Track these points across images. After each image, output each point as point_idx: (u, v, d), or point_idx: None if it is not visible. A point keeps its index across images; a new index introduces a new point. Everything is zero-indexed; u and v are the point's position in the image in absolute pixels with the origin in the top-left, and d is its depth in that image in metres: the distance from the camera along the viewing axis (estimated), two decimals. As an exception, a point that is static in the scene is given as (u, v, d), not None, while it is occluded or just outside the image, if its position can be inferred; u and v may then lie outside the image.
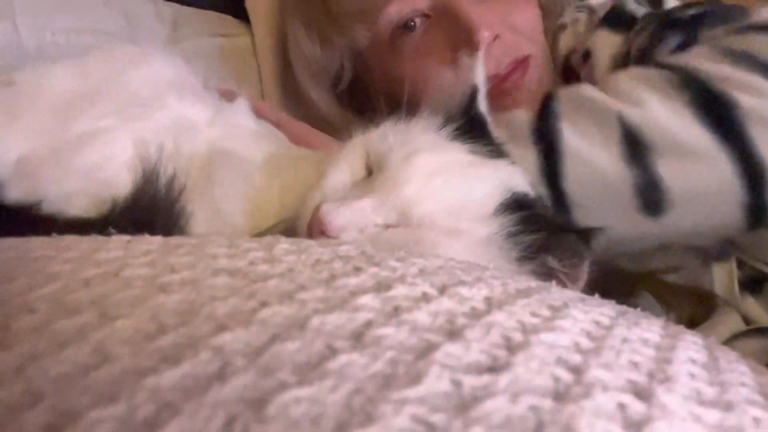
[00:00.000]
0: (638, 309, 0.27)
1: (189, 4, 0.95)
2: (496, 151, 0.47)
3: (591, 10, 0.72)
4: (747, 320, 0.51)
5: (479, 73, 0.50)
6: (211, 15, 0.96)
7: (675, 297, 0.56)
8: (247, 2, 0.94)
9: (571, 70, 0.71)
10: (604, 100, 0.50)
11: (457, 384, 0.16)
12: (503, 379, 0.17)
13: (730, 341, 0.48)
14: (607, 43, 0.65)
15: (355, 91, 0.80)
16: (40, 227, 0.40)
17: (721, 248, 0.54)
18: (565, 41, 0.72)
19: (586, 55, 0.67)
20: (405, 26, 0.68)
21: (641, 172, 0.47)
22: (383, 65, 0.73)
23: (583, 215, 0.49)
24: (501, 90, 0.65)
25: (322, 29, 0.75)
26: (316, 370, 0.17)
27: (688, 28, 0.57)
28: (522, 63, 0.67)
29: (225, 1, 0.98)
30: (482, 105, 0.49)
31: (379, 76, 0.74)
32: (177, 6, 0.94)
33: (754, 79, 0.46)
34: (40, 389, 0.17)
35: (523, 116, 0.54)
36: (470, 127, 0.47)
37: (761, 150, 0.45)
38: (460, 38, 0.64)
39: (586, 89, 0.52)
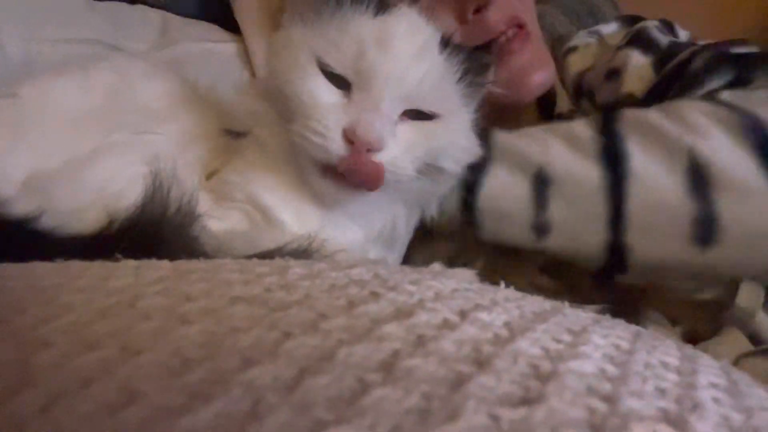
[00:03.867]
0: (648, 328, 0.27)
1: (177, 14, 0.95)
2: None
3: (600, 37, 0.76)
4: (755, 338, 0.52)
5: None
6: (199, 23, 0.97)
7: (680, 310, 0.57)
8: (235, 13, 0.94)
9: (580, 88, 0.73)
10: (674, 130, 0.51)
11: (494, 418, 0.16)
12: (539, 412, 0.17)
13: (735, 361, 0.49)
14: (637, 64, 0.67)
15: None
16: (39, 243, 0.40)
17: None
18: (576, 62, 0.75)
19: (612, 74, 0.69)
20: None
21: (701, 206, 0.49)
22: None
23: (637, 237, 0.51)
24: (508, 50, 0.66)
25: None
26: (351, 406, 0.17)
27: (741, 67, 0.59)
28: (521, 29, 0.67)
29: (211, 12, 0.99)
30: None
31: None
32: (164, 12, 0.94)
33: None
34: (70, 431, 0.16)
35: (585, 131, 0.55)
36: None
37: None
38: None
39: (654, 116, 0.54)
